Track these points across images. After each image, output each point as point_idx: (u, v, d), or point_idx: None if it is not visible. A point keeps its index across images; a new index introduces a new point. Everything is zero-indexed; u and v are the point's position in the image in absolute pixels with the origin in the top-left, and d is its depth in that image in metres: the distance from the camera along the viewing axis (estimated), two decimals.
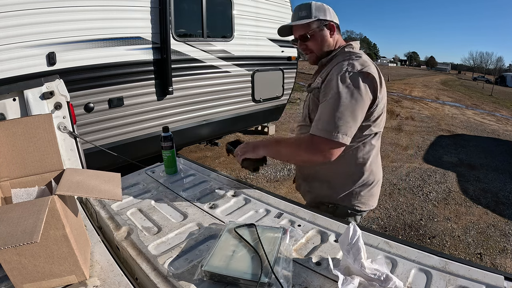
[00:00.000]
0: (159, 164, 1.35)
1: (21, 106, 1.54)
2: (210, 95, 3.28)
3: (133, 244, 0.79)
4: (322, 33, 1.12)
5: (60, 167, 0.77)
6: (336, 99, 0.97)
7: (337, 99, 0.97)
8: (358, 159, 1.12)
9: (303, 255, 0.75)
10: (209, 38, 3.16)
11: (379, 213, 3.18)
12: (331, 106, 0.98)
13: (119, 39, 2.44)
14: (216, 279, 0.65)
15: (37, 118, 0.76)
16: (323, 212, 0.96)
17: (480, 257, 2.53)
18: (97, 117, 2.45)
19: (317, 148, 0.99)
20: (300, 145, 1.04)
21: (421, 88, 18.49)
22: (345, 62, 1.03)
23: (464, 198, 3.56)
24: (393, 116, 8.26)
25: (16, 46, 1.96)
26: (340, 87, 0.97)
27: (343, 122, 0.96)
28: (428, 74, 49.73)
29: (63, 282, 0.65)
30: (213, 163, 4.27)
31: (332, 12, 1.13)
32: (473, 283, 0.63)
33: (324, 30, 1.12)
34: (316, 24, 1.11)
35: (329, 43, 1.14)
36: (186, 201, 1.03)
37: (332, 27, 1.13)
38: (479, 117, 9.44)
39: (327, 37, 1.13)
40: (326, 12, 1.11)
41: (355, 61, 1.02)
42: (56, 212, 0.58)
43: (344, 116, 0.96)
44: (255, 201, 1.02)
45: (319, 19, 1.10)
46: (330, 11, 1.13)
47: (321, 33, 1.12)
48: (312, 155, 1.01)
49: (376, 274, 0.60)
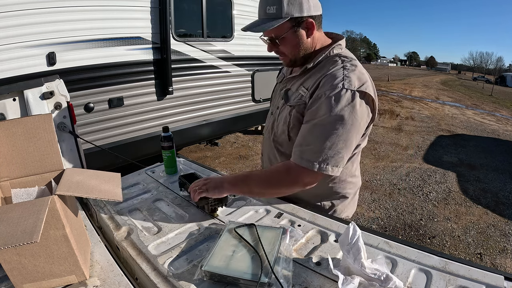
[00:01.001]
0: (159, 164, 1.35)
1: (21, 106, 1.54)
2: (210, 95, 3.28)
3: (133, 244, 0.79)
4: (297, 34, 0.88)
5: (60, 167, 0.77)
6: (328, 124, 0.81)
7: (329, 124, 0.81)
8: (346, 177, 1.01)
9: (303, 255, 0.75)
10: (209, 38, 3.16)
11: (379, 213, 3.18)
12: (321, 132, 0.82)
13: (119, 39, 2.44)
14: (216, 279, 0.65)
15: (37, 118, 0.76)
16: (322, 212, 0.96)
17: (480, 257, 2.53)
18: (97, 117, 2.45)
19: (299, 179, 0.85)
20: (277, 179, 0.88)
21: (421, 88, 18.49)
22: (338, 74, 0.84)
23: (464, 198, 3.56)
24: (393, 116, 8.26)
25: (16, 46, 1.96)
26: (334, 109, 0.80)
27: (335, 152, 0.82)
28: (428, 74, 49.74)
29: (63, 282, 0.65)
30: (213, 163, 4.27)
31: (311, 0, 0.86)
32: (473, 283, 0.63)
33: (299, 31, 0.88)
34: (288, 24, 0.86)
35: (306, 45, 0.91)
36: (186, 201, 1.03)
37: (310, 25, 0.88)
38: (479, 117, 9.44)
39: (302, 39, 0.89)
40: (302, 4, 0.84)
41: (351, 74, 0.84)
42: (56, 212, 0.58)
43: (337, 145, 0.81)
44: (255, 201, 1.02)
45: (293, 17, 0.85)
46: (309, 1, 0.85)
47: (296, 34, 0.88)
48: (292, 187, 0.88)
49: (376, 274, 0.60)
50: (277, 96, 1.10)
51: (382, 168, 4.44)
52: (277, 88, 1.15)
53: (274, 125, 1.04)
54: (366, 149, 5.30)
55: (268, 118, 1.14)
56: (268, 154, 1.12)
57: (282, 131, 0.99)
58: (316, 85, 0.88)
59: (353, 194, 1.10)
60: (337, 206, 1.06)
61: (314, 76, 0.91)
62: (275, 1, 0.84)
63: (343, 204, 1.07)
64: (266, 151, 1.14)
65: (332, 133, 0.81)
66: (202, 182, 0.92)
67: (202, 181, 0.92)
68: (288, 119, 0.95)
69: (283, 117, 0.98)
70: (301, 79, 0.96)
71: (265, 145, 1.15)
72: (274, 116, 1.06)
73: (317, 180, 0.88)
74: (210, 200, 0.91)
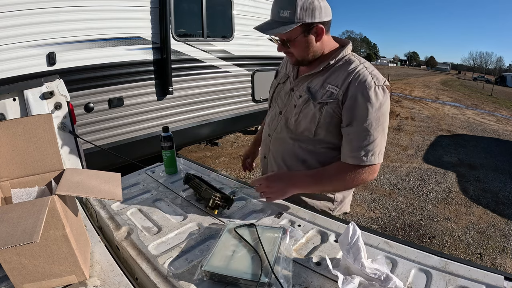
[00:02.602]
0: (159, 164, 1.35)
1: (21, 106, 1.54)
2: (210, 95, 3.28)
3: (133, 244, 0.79)
4: (307, 39, 0.93)
5: (60, 167, 0.77)
6: (379, 120, 0.92)
7: (379, 119, 0.92)
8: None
9: (303, 255, 0.75)
10: (209, 38, 3.16)
11: (379, 213, 3.18)
12: (374, 129, 0.92)
13: (119, 39, 2.44)
14: (216, 279, 0.65)
15: (37, 118, 0.76)
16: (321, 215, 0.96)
17: (480, 257, 2.53)
18: (97, 117, 2.45)
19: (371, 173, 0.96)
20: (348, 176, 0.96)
21: (421, 88, 18.49)
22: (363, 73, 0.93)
23: (464, 198, 3.56)
24: (393, 116, 8.26)
25: (16, 46, 1.96)
26: (378, 104, 0.91)
27: (383, 142, 0.95)
28: (428, 74, 49.75)
29: (63, 282, 0.65)
30: (213, 163, 4.27)
31: (324, 6, 0.90)
32: (473, 283, 0.63)
33: (309, 36, 0.92)
34: (300, 29, 0.90)
35: (315, 49, 0.96)
36: (186, 201, 1.03)
37: (320, 31, 0.92)
38: (479, 117, 9.44)
39: (312, 43, 0.94)
40: (315, 11, 0.88)
41: (374, 72, 0.95)
42: (56, 212, 0.58)
43: (385, 134, 0.96)
44: (255, 201, 1.02)
45: (305, 22, 0.89)
46: (321, 8, 0.89)
47: (306, 39, 0.93)
48: (365, 181, 0.98)
49: (376, 273, 0.60)
50: (283, 95, 1.11)
51: (382, 168, 4.44)
52: (279, 88, 1.15)
53: (289, 124, 1.06)
54: None
55: (272, 118, 1.14)
56: (283, 153, 1.11)
57: (305, 128, 1.01)
58: (348, 83, 0.93)
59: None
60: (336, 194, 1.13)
61: (338, 74, 0.96)
62: (290, 6, 0.87)
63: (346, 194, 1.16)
64: (277, 152, 1.13)
65: (381, 127, 0.93)
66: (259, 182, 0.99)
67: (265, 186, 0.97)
68: (318, 116, 0.98)
69: (310, 115, 0.99)
70: (321, 76, 1.00)
71: (274, 146, 1.14)
72: (286, 115, 1.07)
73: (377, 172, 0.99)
74: (217, 196, 0.92)
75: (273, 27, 0.90)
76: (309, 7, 0.87)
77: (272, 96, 1.18)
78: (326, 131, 0.99)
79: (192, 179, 1.06)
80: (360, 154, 0.93)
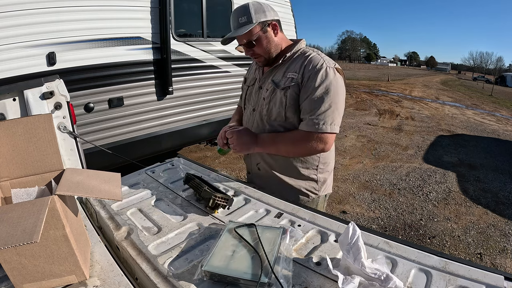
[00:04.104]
0: (159, 164, 1.35)
1: (21, 106, 1.54)
2: (210, 95, 3.28)
3: (133, 244, 0.79)
4: (267, 35, 1.09)
5: (60, 167, 0.77)
6: (329, 93, 1.03)
7: (329, 93, 1.03)
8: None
9: (303, 255, 0.75)
10: (209, 38, 3.16)
11: (379, 213, 3.18)
12: (324, 100, 1.03)
13: (119, 39, 2.44)
14: (216, 279, 0.65)
15: (37, 118, 0.76)
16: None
17: (480, 257, 2.53)
18: (97, 117, 2.45)
19: (321, 142, 1.06)
20: (301, 142, 1.08)
21: (421, 88, 18.49)
22: (317, 58, 1.07)
23: (464, 198, 3.56)
24: (393, 116, 8.26)
25: (16, 46, 1.96)
26: (328, 81, 1.03)
27: (338, 114, 1.06)
28: (428, 74, 49.73)
29: (63, 282, 0.65)
30: (213, 163, 4.27)
31: (271, 7, 1.10)
32: (473, 283, 0.63)
33: (268, 32, 1.09)
34: (258, 27, 1.07)
35: (276, 43, 1.12)
36: (186, 201, 1.03)
37: (275, 27, 1.10)
38: (479, 117, 9.44)
39: (272, 38, 1.11)
40: (266, 11, 1.07)
41: (326, 58, 1.08)
42: (56, 212, 0.58)
43: (338, 108, 1.06)
44: (255, 201, 1.02)
45: (261, 21, 1.06)
46: (269, 8, 1.09)
47: (266, 35, 1.09)
48: (315, 149, 1.08)
49: (376, 273, 0.60)
50: (255, 94, 1.24)
51: (382, 168, 4.44)
52: (249, 90, 1.28)
53: (262, 116, 1.18)
54: (366, 149, 5.30)
55: (248, 118, 1.26)
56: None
57: (277, 114, 1.13)
58: (304, 67, 1.07)
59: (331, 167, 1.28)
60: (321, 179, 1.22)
61: (296, 63, 1.10)
62: (245, 12, 1.06)
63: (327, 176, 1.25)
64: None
65: (332, 100, 1.04)
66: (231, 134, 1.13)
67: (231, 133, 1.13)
68: (284, 100, 1.10)
69: (277, 101, 1.12)
70: (281, 69, 1.14)
71: None
72: (259, 109, 1.19)
73: (332, 141, 1.10)
74: (218, 196, 0.92)
75: (236, 31, 1.07)
76: (260, 8, 1.07)
77: (245, 99, 1.31)
78: (294, 113, 1.10)
79: (192, 179, 1.06)
80: (311, 122, 1.05)
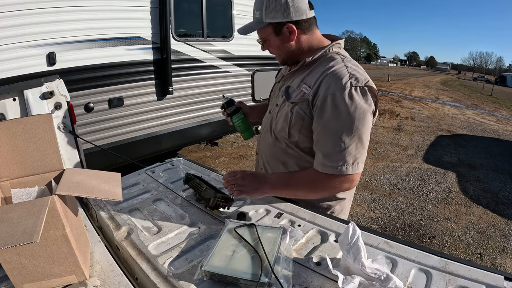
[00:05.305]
0: (159, 164, 1.34)
1: (21, 106, 1.54)
2: (210, 95, 3.28)
3: (133, 244, 0.79)
4: (278, 38, 0.93)
5: (60, 167, 0.77)
6: (351, 124, 0.82)
7: (352, 124, 0.82)
8: None
9: (303, 255, 0.75)
10: (209, 38, 3.16)
11: (379, 213, 3.18)
12: (343, 134, 0.83)
13: (119, 39, 2.44)
14: (216, 279, 0.65)
15: (37, 118, 0.76)
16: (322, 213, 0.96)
17: (480, 257, 2.53)
18: (97, 117, 2.45)
19: (345, 182, 0.87)
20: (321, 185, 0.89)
21: (421, 88, 18.49)
22: (343, 72, 0.85)
23: (464, 198, 3.56)
24: (393, 116, 8.26)
25: (16, 46, 1.96)
26: (352, 107, 0.81)
27: (362, 148, 0.85)
28: (428, 74, 49.74)
29: (63, 282, 0.65)
30: (213, 163, 4.27)
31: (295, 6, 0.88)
32: (473, 283, 0.63)
33: (281, 35, 0.92)
34: (270, 29, 0.92)
35: (289, 48, 0.95)
36: (186, 201, 1.03)
37: (291, 29, 0.91)
38: (479, 117, 9.44)
39: (284, 43, 0.94)
40: (283, 12, 0.88)
41: (355, 71, 0.85)
42: (56, 212, 0.58)
43: (362, 141, 0.84)
44: (255, 201, 1.02)
45: (273, 22, 0.90)
46: (291, 8, 0.87)
47: (276, 38, 0.93)
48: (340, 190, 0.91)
49: (376, 273, 0.60)
50: (276, 94, 1.10)
51: (382, 168, 4.44)
52: (275, 87, 1.15)
53: (272, 123, 1.04)
54: None
55: (265, 117, 1.14)
56: (266, 153, 1.11)
57: (281, 128, 0.98)
58: (319, 82, 0.88)
59: (351, 195, 1.11)
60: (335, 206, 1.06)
61: (315, 73, 0.91)
62: (260, 8, 0.91)
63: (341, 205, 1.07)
64: (263, 150, 1.13)
65: (354, 133, 0.83)
66: (240, 179, 0.88)
67: (240, 178, 0.88)
68: (290, 116, 0.94)
69: (283, 114, 0.97)
70: (301, 75, 0.97)
71: (261, 144, 1.14)
72: (272, 114, 1.06)
73: (356, 181, 0.89)
74: (218, 196, 0.91)
75: (246, 27, 0.97)
76: (277, 8, 0.88)
77: (270, 95, 1.18)
78: (299, 133, 0.94)
79: (192, 179, 1.06)
80: (328, 163, 0.85)
